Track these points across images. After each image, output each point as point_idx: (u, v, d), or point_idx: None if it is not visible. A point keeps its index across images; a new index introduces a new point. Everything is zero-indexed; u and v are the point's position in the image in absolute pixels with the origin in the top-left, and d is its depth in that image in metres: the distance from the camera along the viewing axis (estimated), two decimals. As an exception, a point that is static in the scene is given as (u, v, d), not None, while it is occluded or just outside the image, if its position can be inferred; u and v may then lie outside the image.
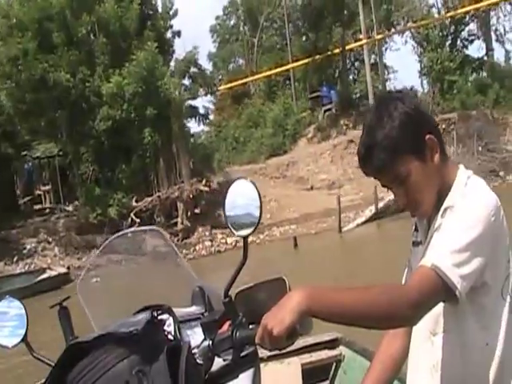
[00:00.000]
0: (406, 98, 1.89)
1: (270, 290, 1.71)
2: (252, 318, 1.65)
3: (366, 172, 1.87)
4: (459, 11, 38.01)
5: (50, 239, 24.33)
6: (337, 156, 30.22)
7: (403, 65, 78.85)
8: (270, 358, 3.61)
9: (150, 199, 24.94)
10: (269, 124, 32.74)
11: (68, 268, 21.54)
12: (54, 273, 20.85)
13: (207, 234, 24.93)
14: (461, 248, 1.69)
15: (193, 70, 27.39)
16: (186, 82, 27.13)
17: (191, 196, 24.92)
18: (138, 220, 24.16)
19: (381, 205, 24.72)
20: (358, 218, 25.21)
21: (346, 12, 31.69)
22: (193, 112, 27.71)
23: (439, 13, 39.57)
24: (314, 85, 37.55)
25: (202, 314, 1.85)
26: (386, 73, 40.47)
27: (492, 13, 39.69)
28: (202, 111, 31.14)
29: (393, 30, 38.97)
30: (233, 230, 1.68)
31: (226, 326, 1.67)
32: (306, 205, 27.07)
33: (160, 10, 29.67)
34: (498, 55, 44.56)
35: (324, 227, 25.11)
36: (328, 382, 3.95)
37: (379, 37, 36.56)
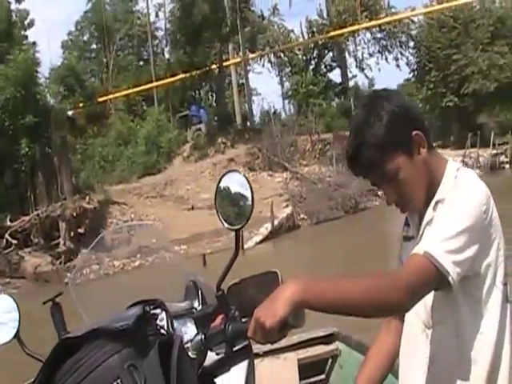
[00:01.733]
0: (393, 96, 1.92)
1: (262, 284, 1.69)
2: (245, 311, 1.62)
3: (354, 172, 1.92)
4: (321, 36, 38.65)
5: None
6: (218, 175, 28.90)
7: (266, 88, 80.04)
8: (266, 354, 3.64)
9: (27, 218, 22.09)
10: (140, 142, 30.78)
11: None
12: None
13: (93, 257, 22.52)
14: (453, 236, 1.72)
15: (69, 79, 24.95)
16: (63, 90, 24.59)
17: (74, 214, 22.44)
18: (14, 241, 21.34)
19: (275, 223, 24.08)
20: (254, 236, 24.10)
21: (224, 28, 30.69)
22: (71, 124, 25.22)
23: (303, 37, 39.91)
24: (176, 105, 36.34)
25: (195, 308, 1.84)
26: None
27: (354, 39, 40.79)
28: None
29: (258, 53, 38.55)
30: (225, 223, 1.71)
31: (218, 320, 1.67)
32: (192, 225, 25.59)
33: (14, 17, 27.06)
34: (364, 81, 45.72)
35: (219, 246, 23.75)
36: (324, 376, 3.98)
37: (238, 60, 36.14)
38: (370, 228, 24.62)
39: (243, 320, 1.63)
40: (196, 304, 1.86)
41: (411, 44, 40.55)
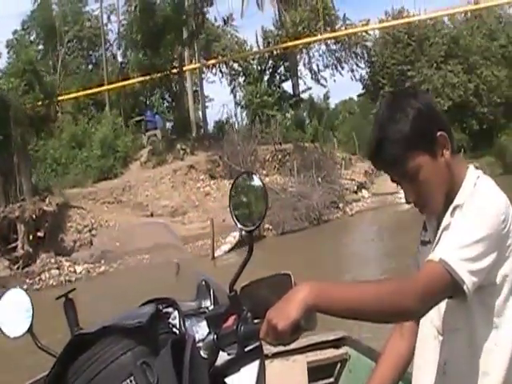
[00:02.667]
0: (420, 94, 1.93)
1: (275, 285, 1.69)
2: (257, 312, 1.64)
3: (376, 166, 1.91)
4: (275, 47, 38.26)
5: None
6: (178, 181, 28.05)
7: (219, 97, 79.35)
8: (275, 356, 3.64)
9: (-18, 219, 20.63)
10: (96, 145, 29.49)
11: None
12: None
13: (52, 261, 21.25)
14: (469, 244, 1.69)
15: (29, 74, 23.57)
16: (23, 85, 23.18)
17: (34, 217, 21.08)
18: (-31, 243, 19.87)
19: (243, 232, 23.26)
20: (222, 245, 23.28)
21: (186, 31, 29.81)
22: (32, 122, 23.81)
23: (258, 47, 39.42)
24: (128, 110, 35.20)
25: (207, 308, 1.83)
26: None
27: (307, 51, 40.52)
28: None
29: (215, 59, 37.78)
30: (238, 224, 1.69)
31: (230, 321, 1.67)
32: (155, 232, 24.61)
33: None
34: (319, 93, 45.34)
35: (185, 255, 22.81)
36: (333, 380, 3.95)
37: (198, 65, 35.37)
38: (335, 240, 24.35)
39: (255, 321, 1.63)
40: (208, 304, 1.84)
41: (366, 57, 40.62)
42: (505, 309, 1.83)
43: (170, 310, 1.64)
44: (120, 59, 38.64)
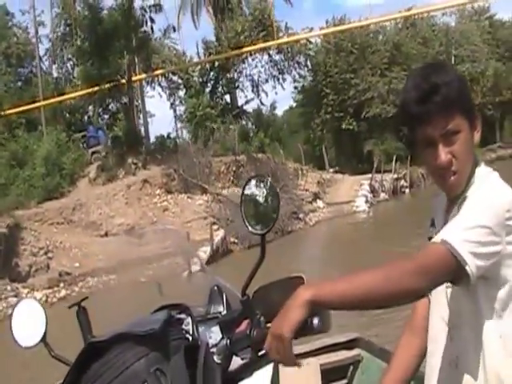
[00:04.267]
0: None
1: (288, 289, 1.63)
2: (270, 316, 1.61)
3: (423, 112, 1.78)
4: (214, 57, 37.09)
5: None
6: (132, 197, 26.35)
7: (160, 112, 76.90)
8: None
9: None
10: (39, 163, 27.39)
11: None
12: None
13: (9, 288, 19.22)
14: (473, 227, 1.68)
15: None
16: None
17: (-15, 240, 19.06)
18: None
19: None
20: (192, 262, 21.76)
21: (135, 39, 28.21)
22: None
23: (199, 58, 38.14)
24: (65, 126, 33.20)
25: (220, 313, 1.85)
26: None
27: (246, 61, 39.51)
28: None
29: (160, 70, 36.22)
30: (250, 228, 1.70)
31: (244, 325, 1.67)
32: (114, 252, 22.88)
33: None
34: (265, 103, 43.94)
35: (151, 275, 21.15)
36: (346, 381, 3.93)
37: (144, 76, 33.80)
38: (303, 252, 23.47)
39: (268, 325, 1.60)
40: (221, 309, 1.86)
41: (309, 67, 39.94)
42: (510, 302, 1.80)
43: (182, 316, 1.65)
44: (55, 74, 36.43)
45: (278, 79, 39.54)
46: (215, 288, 1.91)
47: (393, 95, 37.31)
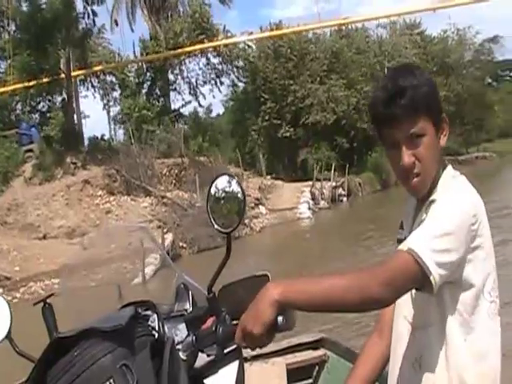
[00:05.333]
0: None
1: (253, 286, 1.66)
2: (235, 313, 1.64)
3: (388, 114, 1.80)
4: (151, 57, 35.87)
5: None
6: (73, 199, 24.85)
7: (93, 111, 73.24)
8: (254, 358, 3.64)
9: None
10: (-32, 162, 25.50)
11: None
12: None
13: None
14: (439, 235, 1.69)
15: None
16: None
17: None
18: None
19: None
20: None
21: (76, 32, 26.68)
22: None
23: (136, 57, 36.73)
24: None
25: (186, 310, 1.85)
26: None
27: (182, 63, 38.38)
28: None
29: (99, 66, 34.53)
30: (216, 226, 1.70)
31: (209, 322, 1.69)
32: (56, 255, 21.35)
33: None
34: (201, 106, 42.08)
35: (100, 278, 19.79)
36: (312, 381, 3.94)
37: (84, 72, 32.18)
38: (252, 258, 22.75)
39: (233, 322, 1.63)
40: (187, 306, 1.86)
41: (248, 72, 39.16)
42: (475, 306, 1.82)
43: (149, 312, 1.62)
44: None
45: (216, 82, 38.66)
46: (181, 285, 1.91)
47: (332, 102, 37.15)
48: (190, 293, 1.87)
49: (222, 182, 1.77)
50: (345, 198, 36.61)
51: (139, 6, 40.10)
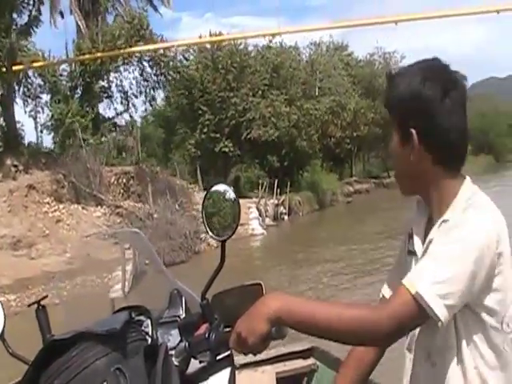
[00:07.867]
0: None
1: (246, 294, 1.72)
2: (228, 320, 1.65)
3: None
4: (81, 58, 33.14)
5: None
6: (17, 205, 21.98)
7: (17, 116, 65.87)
8: (244, 366, 3.59)
9: None
10: None
11: None
12: None
13: None
14: (449, 278, 1.60)
15: None
16: None
17: None
18: None
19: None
20: (114, 283, 18.17)
21: (23, 17, 23.90)
22: None
23: (67, 57, 33.82)
24: None
25: (179, 316, 1.84)
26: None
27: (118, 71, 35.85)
28: None
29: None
30: (211, 233, 1.72)
31: (202, 329, 1.68)
32: (4, 268, 18.66)
33: None
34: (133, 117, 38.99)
35: (61, 294, 17.25)
36: None
37: (23, 66, 28.97)
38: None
39: (226, 329, 1.63)
40: (180, 312, 1.85)
41: (184, 82, 37.08)
42: (493, 337, 1.74)
43: (142, 317, 1.64)
44: None
45: (150, 92, 36.32)
46: (175, 291, 1.89)
47: (274, 118, 35.82)
48: (184, 299, 1.86)
49: (216, 191, 1.77)
50: (286, 217, 35.41)
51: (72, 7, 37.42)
